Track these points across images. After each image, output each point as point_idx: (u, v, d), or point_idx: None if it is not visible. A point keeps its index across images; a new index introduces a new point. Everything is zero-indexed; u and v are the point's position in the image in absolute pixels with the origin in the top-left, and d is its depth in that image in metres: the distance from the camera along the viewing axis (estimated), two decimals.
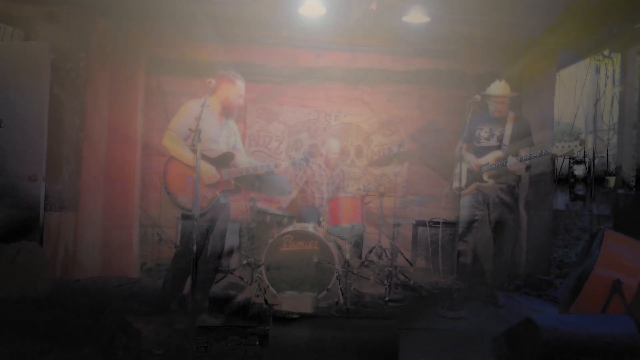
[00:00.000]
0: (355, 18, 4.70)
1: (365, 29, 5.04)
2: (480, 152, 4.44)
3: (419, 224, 5.64)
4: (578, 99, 5.84)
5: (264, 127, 6.20)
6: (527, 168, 4.43)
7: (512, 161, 4.13)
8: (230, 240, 5.35)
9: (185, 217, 3.45)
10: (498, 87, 4.42)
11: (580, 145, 3.93)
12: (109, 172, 5.04)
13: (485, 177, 4.35)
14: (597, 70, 5.81)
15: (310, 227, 4.36)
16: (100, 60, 4.99)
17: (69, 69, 4.87)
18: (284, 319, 2.75)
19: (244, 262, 4.72)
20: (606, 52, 5.41)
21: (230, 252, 5.25)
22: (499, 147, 4.38)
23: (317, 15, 4.50)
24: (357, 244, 5.18)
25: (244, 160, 3.77)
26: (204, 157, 3.37)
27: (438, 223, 5.42)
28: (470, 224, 4.41)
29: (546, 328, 2.60)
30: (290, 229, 4.31)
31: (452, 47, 5.48)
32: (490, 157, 4.35)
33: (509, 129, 4.38)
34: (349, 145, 6.26)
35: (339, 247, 4.52)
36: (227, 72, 3.63)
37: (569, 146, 3.90)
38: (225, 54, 5.46)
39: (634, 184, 4.49)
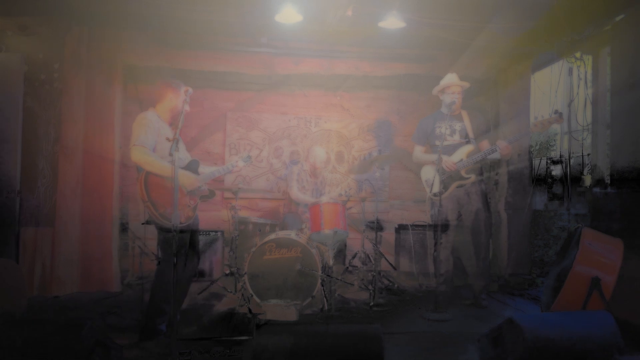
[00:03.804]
0: (331, 24, 4.72)
1: (342, 35, 5.07)
2: (449, 150, 4.41)
3: (401, 227, 5.66)
4: (552, 100, 5.95)
5: (244, 135, 6.18)
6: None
7: (502, 145, 4.13)
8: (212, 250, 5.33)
9: (169, 231, 3.21)
10: (451, 77, 4.48)
11: (560, 117, 3.96)
12: (86, 184, 4.95)
13: (463, 173, 4.37)
14: (570, 72, 5.93)
15: (292, 234, 4.34)
16: (75, 70, 4.91)
17: (43, 81, 4.79)
18: (268, 327, 2.72)
19: (227, 271, 4.68)
20: (578, 55, 5.53)
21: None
22: (467, 142, 4.41)
23: (294, 22, 4.50)
24: (341, 250, 5.18)
25: (202, 169, 3.69)
26: (179, 167, 3.28)
27: (420, 226, 5.47)
28: (446, 227, 4.42)
29: (528, 327, 2.63)
30: (272, 236, 4.29)
31: (429, 52, 5.55)
32: (462, 153, 4.37)
33: (468, 123, 4.43)
34: (329, 151, 6.27)
35: (322, 254, 4.51)
36: (171, 80, 3.53)
37: (548, 121, 3.96)
38: (202, 62, 5.43)
39: (609, 182, 4.59)
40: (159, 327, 3.26)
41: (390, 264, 5.46)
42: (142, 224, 5.11)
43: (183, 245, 3.21)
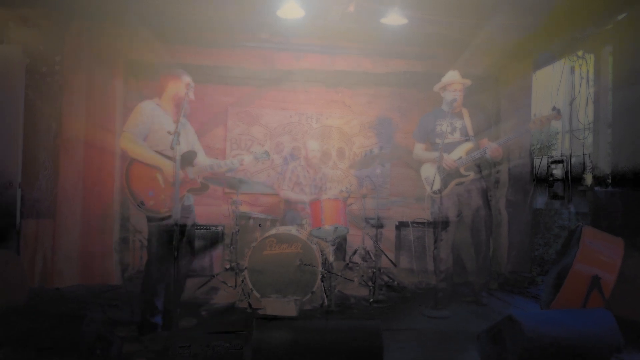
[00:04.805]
0: (333, 20, 4.71)
1: (344, 31, 5.06)
2: (450, 148, 4.38)
3: (402, 224, 5.66)
4: (554, 99, 5.95)
5: (245, 131, 6.17)
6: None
7: (492, 147, 4.14)
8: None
9: (151, 220, 3.29)
10: (453, 75, 4.45)
11: (558, 114, 3.92)
12: (87, 177, 4.96)
13: (462, 171, 4.36)
14: (572, 71, 5.93)
15: (293, 229, 4.34)
16: (76, 64, 4.91)
17: (44, 73, 4.78)
18: (268, 322, 2.73)
19: (227, 266, 4.68)
20: (580, 53, 5.53)
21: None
22: (467, 140, 4.39)
23: (296, 17, 4.49)
24: (341, 246, 5.18)
25: (204, 160, 3.62)
26: (167, 157, 3.27)
27: (421, 224, 5.47)
28: (447, 224, 4.42)
29: (527, 325, 2.63)
30: (273, 232, 4.29)
31: (430, 50, 5.53)
32: (462, 151, 4.36)
33: (468, 121, 4.41)
34: (330, 148, 6.26)
35: (322, 250, 4.51)
36: (171, 69, 3.52)
37: (547, 118, 3.94)
38: (203, 57, 5.42)
39: (609, 181, 4.59)
40: (152, 320, 3.25)
41: (391, 260, 5.47)
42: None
43: (171, 238, 3.02)
